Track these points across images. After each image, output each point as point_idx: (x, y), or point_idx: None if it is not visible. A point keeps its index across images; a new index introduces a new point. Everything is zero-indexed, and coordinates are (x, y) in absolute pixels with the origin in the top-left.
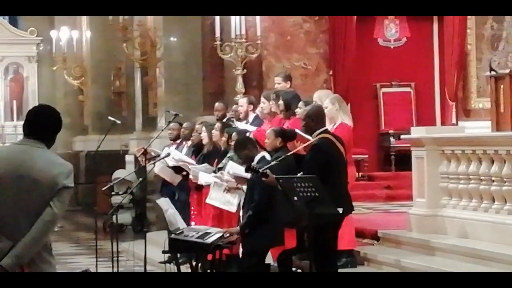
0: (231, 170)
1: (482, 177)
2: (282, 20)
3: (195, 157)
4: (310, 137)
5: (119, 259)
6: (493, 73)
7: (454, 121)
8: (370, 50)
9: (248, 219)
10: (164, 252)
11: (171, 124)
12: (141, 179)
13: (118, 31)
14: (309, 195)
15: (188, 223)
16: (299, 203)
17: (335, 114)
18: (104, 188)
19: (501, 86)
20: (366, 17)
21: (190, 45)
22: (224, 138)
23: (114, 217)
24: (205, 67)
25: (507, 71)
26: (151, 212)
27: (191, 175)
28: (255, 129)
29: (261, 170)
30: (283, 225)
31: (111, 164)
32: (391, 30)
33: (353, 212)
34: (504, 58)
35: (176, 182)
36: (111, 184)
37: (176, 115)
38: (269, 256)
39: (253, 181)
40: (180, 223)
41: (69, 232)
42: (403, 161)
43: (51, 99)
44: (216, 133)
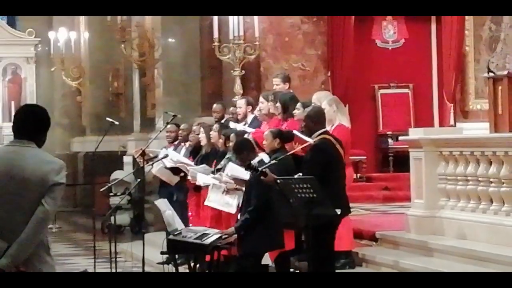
0: (230, 172)
1: (480, 179)
2: (280, 21)
3: (193, 158)
4: (309, 138)
5: (117, 260)
6: (491, 74)
7: (452, 122)
8: (368, 52)
9: (244, 221)
10: (162, 253)
11: (168, 127)
12: (139, 180)
13: (116, 32)
14: (307, 196)
15: (186, 224)
16: (297, 204)
17: (332, 116)
18: (102, 189)
19: (499, 88)
20: (364, 18)
21: (188, 46)
22: (221, 140)
23: (112, 218)
24: (203, 68)
25: (505, 72)
26: (149, 213)
27: (190, 176)
28: (252, 130)
29: (260, 169)
30: (282, 228)
31: (109, 165)
32: (389, 31)
33: (351, 213)
34: (502, 60)
35: (174, 182)
36: (109, 185)
37: (174, 116)
38: (267, 257)
39: (251, 183)
40: (178, 224)
41: (67, 233)
42: (401, 162)
43: (49, 100)
44: (214, 134)
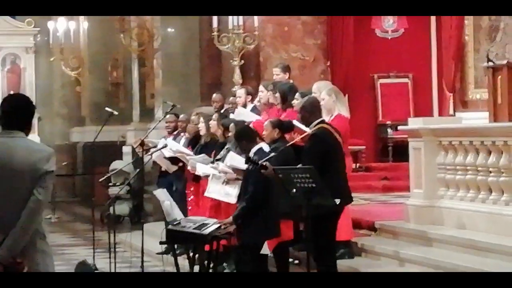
0: (230, 161)
1: (479, 168)
2: None
3: (192, 148)
4: (308, 128)
5: (117, 250)
6: (490, 64)
7: (451, 112)
8: (367, 41)
9: (242, 210)
10: (161, 243)
11: (167, 117)
12: (138, 170)
13: (116, 22)
14: (306, 186)
15: (185, 214)
16: (297, 194)
17: (332, 106)
18: (101, 179)
19: (499, 77)
20: None
21: (187, 36)
22: (220, 130)
23: (111, 208)
24: (203, 58)
25: (504, 62)
26: (148, 203)
27: (189, 166)
28: (254, 117)
29: (260, 163)
30: (279, 217)
31: (109, 155)
32: (389, 21)
33: (352, 202)
34: (502, 49)
35: (172, 170)
36: (109, 175)
37: (173, 106)
38: (266, 248)
39: (248, 172)
40: (177, 214)
41: (66, 223)
42: (400, 152)
43: (48, 90)
44: (213, 124)
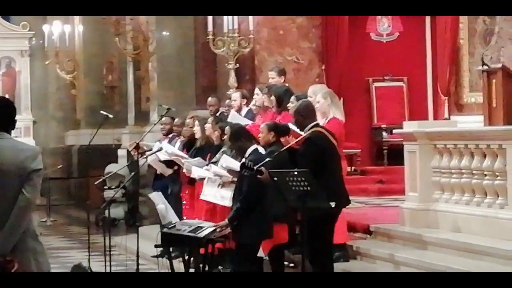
0: (224, 164)
1: (474, 171)
2: None
3: (187, 151)
4: (302, 132)
5: (112, 253)
6: (485, 67)
7: (446, 115)
8: (362, 45)
9: (236, 211)
10: (156, 246)
11: (163, 119)
12: (133, 173)
13: (111, 25)
14: (301, 189)
15: (181, 217)
16: (292, 198)
17: (326, 109)
18: (96, 182)
19: (494, 81)
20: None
21: (182, 40)
22: (217, 133)
23: (106, 211)
24: (198, 62)
25: (499, 65)
26: (143, 206)
27: (185, 169)
28: (249, 122)
29: (255, 168)
30: (272, 218)
31: (104, 159)
32: (384, 24)
33: (349, 204)
34: (497, 53)
35: (167, 173)
36: (104, 178)
37: (168, 109)
38: (261, 251)
39: (242, 173)
40: (172, 217)
41: (61, 226)
42: (395, 155)
43: (43, 93)
44: (208, 127)
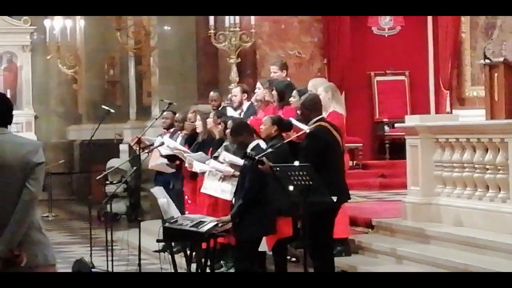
0: (227, 158)
1: (476, 165)
2: None
3: (189, 145)
4: (306, 126)
5: (114, 248)
6: (487, 61)
7: (448, 109)
8: (364, 39)
9: (239, 207)
10: (158, 241)
11: (164, 113)
12: (135, 168)
13: (112, 20)
14: (303, 183)
15: (183, 212)
16: (293, 192)
17: (327, 103)
18: (98, 177)
19: (495, 75)
20: None
21: (184, 34)
22: (220, 126)
23: (108, 206)
24: (199, 56)
25: (501, 59)
26: (145, 201)
27: (187, 163)
28: (249, 118)
29: (257, 158)
30: (276, 213)
31: (105, 153)
32: (385, 18)
33: (350, 199)
34: (498, 47)
35: (170, 171)
36: (105, 173)
37: (170, 104)
38: (265, 245)
39: (244, 168)
40: (174, 212)
41: (63, 221)
42: (397, 149)
43: (45, 88)
44: (210, 121)
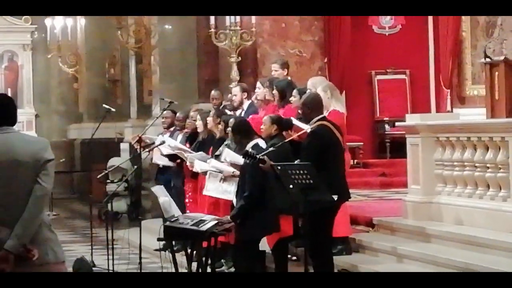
0: (228, 158)
1: (476, 164)
2: None
3: (189, 144)
4: (307, 125)
5: (114, 247)
6: (488, 60)
7: (449, 108)
8: (365, 38)
9: (240, 209)
10: (159, 240)
11: (164, 112)
12: (136, 167)
13: (113, 19)
14: (303, 182)
15: (183, 210)
16: (294, 190)
17: (327, 102)
18: (99, 176)
19: (496, 73)
20: None
21: (184, 33)
22: (220, 126)
23: (109, 205)
24: (200, 55)
25: (502, 58)
26: (146, 199)
27: (188, 162)
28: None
29: (258, 157)
30: (278, 212)
31: (106, 152)
32: (386, 17)
33: (350, 198)
34: (499, 45)
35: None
36: (106, 172)
37: (170, 102)
38: (266, 244)
39: (245, 168)
40: (175, 210)
41: (64, 220)
42: (398, 148)
43: (46, 87)
44: (210, 120)
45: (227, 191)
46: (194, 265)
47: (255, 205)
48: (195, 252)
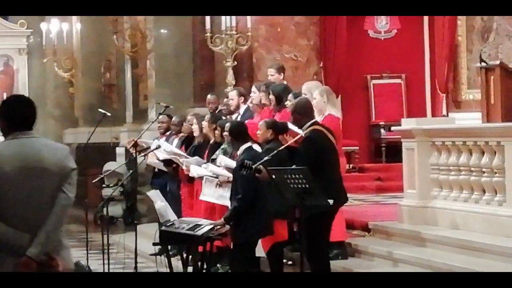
0: (222, 162)
1: (472, 169)
2: None
3: (185, 148)
4: (300, 130)
5: (110, 251)
6: (483, 64)
7: (444, 112)
8: (360, 42)
9: (233, 211)
10: (154, 244)
11: (160, 117)
12: (131, 171)
13: (109, 23)
14: (299, 187)
15: (179, 215)
16: (290, 195)
17: (323, 106)
18: (94, 181)
19: (492, 78)
20: None
21: (180, 37)
22: (217, 131)
23: (104, 210)
24: (196, 59)
25: (497, 62)
26: (141, 204)
27: (184, 166)
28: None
29: (254, 167)
30: (272, 215)
31: (102, 157)
32: (382, 21)
33: (347, 201)
34: (495, 50)
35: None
36: (102, 176)
37: (166, 107)
38: (260, 249)
39: (235, 172)
40: (170, 215)
41: None
42: (393, 152)
43: (41, 91)
44: (205, 125)
45: (222, 196)
46: (190, 269)
47: (249, 207)
48: (190, 256)
